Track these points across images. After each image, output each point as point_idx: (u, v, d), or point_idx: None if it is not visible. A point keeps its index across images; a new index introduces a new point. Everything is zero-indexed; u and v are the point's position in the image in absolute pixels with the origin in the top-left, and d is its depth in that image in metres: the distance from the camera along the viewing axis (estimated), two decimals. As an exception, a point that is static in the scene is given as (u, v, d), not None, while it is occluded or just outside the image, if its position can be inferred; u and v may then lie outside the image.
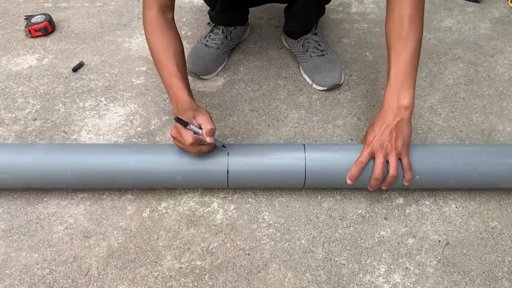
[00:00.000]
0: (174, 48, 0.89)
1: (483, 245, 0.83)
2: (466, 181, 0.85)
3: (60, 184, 0.87)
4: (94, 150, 0.87)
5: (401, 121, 0.80)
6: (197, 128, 0.79)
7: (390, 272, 0.79)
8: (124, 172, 0.84)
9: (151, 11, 0.90)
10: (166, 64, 0.87)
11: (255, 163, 0.85)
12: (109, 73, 1.22)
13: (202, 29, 1.37)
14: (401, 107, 0.81)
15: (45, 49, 1.31)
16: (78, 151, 0.86)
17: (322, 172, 0.84)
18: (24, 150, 0.86)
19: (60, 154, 0.85)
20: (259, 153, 0.86)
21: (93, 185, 0.89)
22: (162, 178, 0.85)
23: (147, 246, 0.83)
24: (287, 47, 1.27)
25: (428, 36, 1.34)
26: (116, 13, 1.47)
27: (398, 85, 0.82)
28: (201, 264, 0.81)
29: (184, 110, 0.82)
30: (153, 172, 0.84)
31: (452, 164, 0.84)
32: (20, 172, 0.84)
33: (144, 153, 0.86)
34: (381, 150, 0.79)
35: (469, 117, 1.08)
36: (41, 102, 1.13)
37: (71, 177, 0.84)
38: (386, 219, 0.88)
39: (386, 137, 0.79)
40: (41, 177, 0.84)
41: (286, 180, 0.86)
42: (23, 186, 0.89)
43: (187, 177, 0.85)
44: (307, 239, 0.84)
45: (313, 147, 0.86)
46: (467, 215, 0.88)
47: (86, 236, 0.85)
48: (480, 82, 1.18)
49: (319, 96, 1.14)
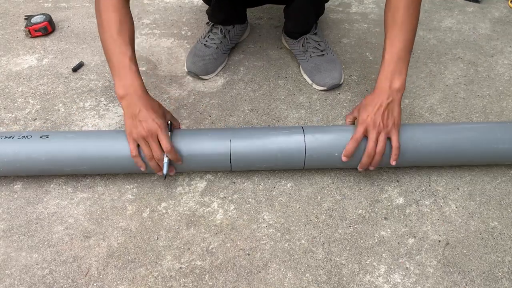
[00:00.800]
0: (129, 27, 0.86)
1: (483, 245, 0.83)
2: (452, 156, 0.90)
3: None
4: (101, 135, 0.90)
5: (392, 102, 0.85)
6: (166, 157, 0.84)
7: (390, 272, 0.80)
8: (126, 157, 0.86)
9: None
10: (118, 41, 0.83)
11: (257, 145, 0.87)
12: (109, 73, 1.22)
13: (202, 29, 1.37)
14: (393, 89, 0.85)
15: (45, 49, 1.31)
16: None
17: (321, 150, 0.87)
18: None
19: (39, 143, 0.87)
20: (260, 135, 0.89)
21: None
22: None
23: (147, 246, 0.83)
24: (287, 47, 1.27)
25: (428, 36, 1.34)
26: (116, 13, 1.46)
27: (391, 68, 0.86)
28: (201, 264, 0.81)
29: (141, 113, 0.82)
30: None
31: (436, 139, 0.88)
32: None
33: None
34: (374, 127, 0.83)
35: (469, 117, 1.08)
36: (41, 102, 1.13)
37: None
38: (386, 219, 0.88)
39: (379, 116, 0.83)
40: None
41: (287, 160, 0.88)
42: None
43: (191, 160, 0.87)
44: (307, 239, 0.84)
45: (311, 129, 0.90)
46: (467, 215, 0.88)
47: (86, 236, 0.85)
48: (480, 82, 1.18)
49: (319, 96, 1.14)
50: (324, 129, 0.91)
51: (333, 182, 0.94)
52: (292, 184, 0.94)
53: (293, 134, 0.88)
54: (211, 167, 0.91)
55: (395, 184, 0.94)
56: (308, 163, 0.89)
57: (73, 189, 0.93)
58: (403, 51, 0.85)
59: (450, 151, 0.89)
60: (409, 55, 0.87)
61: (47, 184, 0.93)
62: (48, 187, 0.93)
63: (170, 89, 1.17)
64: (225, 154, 0.86)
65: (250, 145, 0.87)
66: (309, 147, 0.87)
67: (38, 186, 0.93)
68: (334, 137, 0.88)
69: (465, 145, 0.88)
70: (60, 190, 0.92)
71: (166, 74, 1.22)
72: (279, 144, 0.87)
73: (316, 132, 0.89)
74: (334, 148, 0.87)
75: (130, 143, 0.83)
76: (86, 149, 0.86)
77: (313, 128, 0.90)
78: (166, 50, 1.30)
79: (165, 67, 1.24)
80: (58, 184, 0.93)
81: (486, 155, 0.90)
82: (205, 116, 1.08)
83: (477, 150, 0.89)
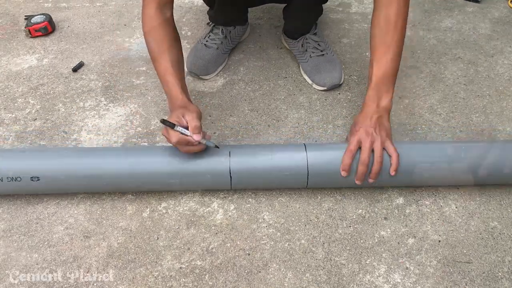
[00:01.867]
0: (169, 44, 0.90)
1: (483, 245, 0.83)
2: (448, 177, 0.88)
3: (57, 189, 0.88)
4: (90, 153, 0.87)
5: (380, 117, 0.85)
6: (183, 129, 0.80)
7: (390, 272, 0.80)
8: (122, 175, 0.84)
9: (149, 9, 0.90)
10: (160, 61, 0.88)
11: (258, 164, 0.85)
12: (109, 73, 1.22)
13: (202, 29, 1.37)
14: (381, 108, 0.86)
15: (45, 49, 1.31)
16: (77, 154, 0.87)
17: (325, 171, 0.85)
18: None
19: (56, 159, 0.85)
20: (261, 153, 0.86)
21: (90, 189, 0.89)
22: (160, 181, 0.85)
23: (147, 246, 0.83)
24: (287, 47, 1.27)
25: (428, 36, 1.34)
26: (116, 13, 1.47)
27: (378, 90, 0.87)
28: (201, 264, 0.81)
29: (174, 107, 0.84)
30: (152, 174, 0.85)
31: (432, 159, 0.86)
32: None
33: (147, 155, 0.86)
34: (367, 135, 0.83)
35: (469, 117, 1.08)
36: (41, 102, 1.13)
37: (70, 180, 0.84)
38: (386, 219, 0.88)
39: (371, 127, 0.83)
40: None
41: (289, 181, 0.86)
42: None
43: (187, 179, 0.85)
44: (307, 239, 0.84)
45: (313, 147, 0.88)
46: (467, 215, 0.88)
47: (86, 236, 0.85)
48: (480, 82, 1.18)
49: (319, 96, 1.14)
50: (328, 146, 0.90)
51: (333, 182, 0.94)
52: (292, 184, 0.94)
53: (295, 152, 0.86)
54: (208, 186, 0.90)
55: (395, 184, 0.94)
56: (311, 182, 0.86)
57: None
58: (390, 70, 0.86)
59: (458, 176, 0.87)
60: (396, 71, 0.87)
61: (47, 184, 0.93)
62: (48, 187, 0.93)
63: (170, 89, 1.17)
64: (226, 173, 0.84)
65: (252, 164, 0.85)
66: (312, 163, 0.85)
67: (38, 186, 0.93)
68: (339, 155, 0.84)
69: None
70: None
71: (166, 74, 1.22)
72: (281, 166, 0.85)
73: (318, 150, 0.87)
74: (338, 170, 0.84)
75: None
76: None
77: (315, 146, 0.89)
78: (166, 50, 1.30)
79: (165, 67, 1.24)
80: (58, 184, 0.93)
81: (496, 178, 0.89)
82: (205, 116, 1.08)
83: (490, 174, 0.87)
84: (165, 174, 0.84)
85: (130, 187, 0.88)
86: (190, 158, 0.84)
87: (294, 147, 0.88)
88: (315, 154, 0.85)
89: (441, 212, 0.89)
